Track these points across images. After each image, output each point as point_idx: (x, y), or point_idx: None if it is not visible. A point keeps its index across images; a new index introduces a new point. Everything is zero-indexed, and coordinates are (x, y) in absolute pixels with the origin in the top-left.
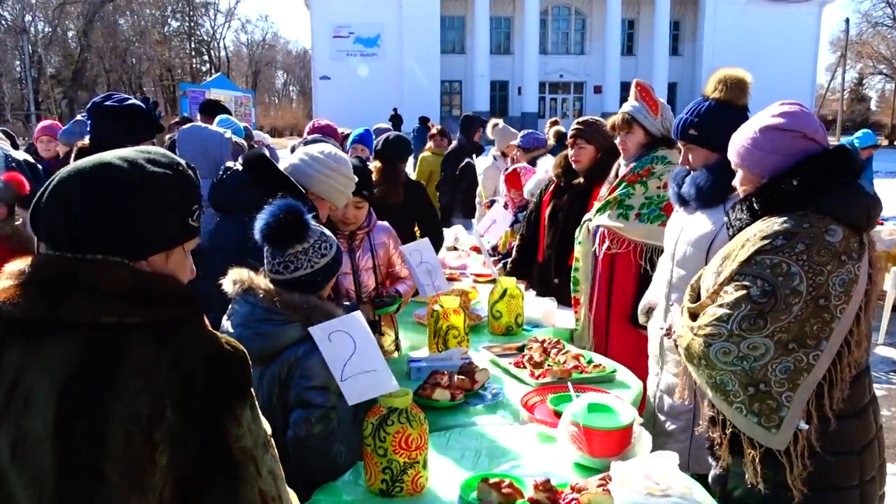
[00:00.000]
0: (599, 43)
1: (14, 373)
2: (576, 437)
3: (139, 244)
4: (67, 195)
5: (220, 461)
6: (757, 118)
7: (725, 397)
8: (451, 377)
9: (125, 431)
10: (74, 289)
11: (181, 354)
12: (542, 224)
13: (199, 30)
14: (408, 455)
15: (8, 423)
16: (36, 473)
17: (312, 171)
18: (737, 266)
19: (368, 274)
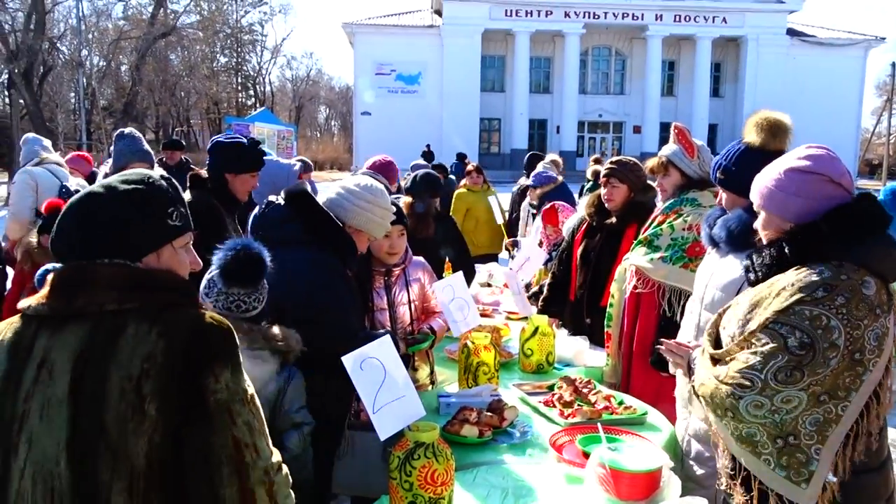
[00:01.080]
0: (639, 83)
1: (42, 353)
2: (604, 479)
3: (129, 248)
4: (68, 221)
5: (198, 410)
6: (782, 160)
7: (753, 449)
8: (480, 413)
9: (120, 388)
10: (84, 287)
11: (168, 326)
12: (573, 262)
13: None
14: (433, 490)
15: (38, 392)
16: (56, 429)
17: (349, 204)
18: (772, 315)
19: (404, 309)
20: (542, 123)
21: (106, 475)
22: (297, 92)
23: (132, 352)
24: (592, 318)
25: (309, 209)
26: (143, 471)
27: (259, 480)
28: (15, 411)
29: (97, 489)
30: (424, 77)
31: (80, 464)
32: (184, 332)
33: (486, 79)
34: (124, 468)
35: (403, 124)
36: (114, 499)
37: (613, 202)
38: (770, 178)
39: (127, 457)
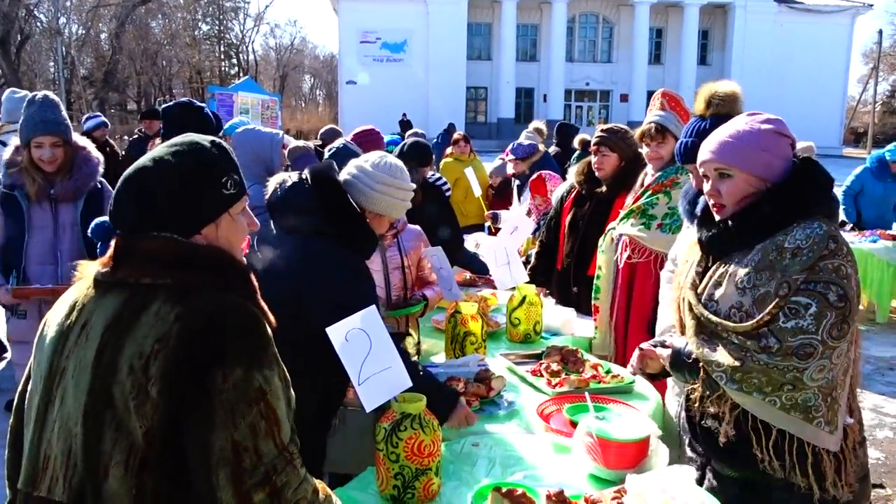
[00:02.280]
0: (627, 51)
1: (87, 316)
2: (591, 448)
3: (183, 222)
4: (123, 195)
5: (201, 405)
6: (751, 122)
7: (806, 415)
8: (467, 384)
9: (130, 364)
10: (129, 257)
11: (188, 310)
12: (561, 231)
13: (228, 34)
14: (420, 462)
15: (75, 352)
16: (79, 392)
17: (367, 188)
18: (802, 276)
19: (398, 273)
20: (528, 92)
21: (108, 445)
22: (281, 61)
23: (149, 329)
24: (579, 287)
25: (336, 199)
26: (140, 448)
27: (257, 484)
28: (59, 365)
29: (99, 457)
30: (410, 45)
31: (91, 430)
32: (202, 319)
33: (473, 47)
34: (125, 442)
35: (389, 93)
36: (112, 470)
37: (604, 171)
38: (745, 139)
39: (128, 432)
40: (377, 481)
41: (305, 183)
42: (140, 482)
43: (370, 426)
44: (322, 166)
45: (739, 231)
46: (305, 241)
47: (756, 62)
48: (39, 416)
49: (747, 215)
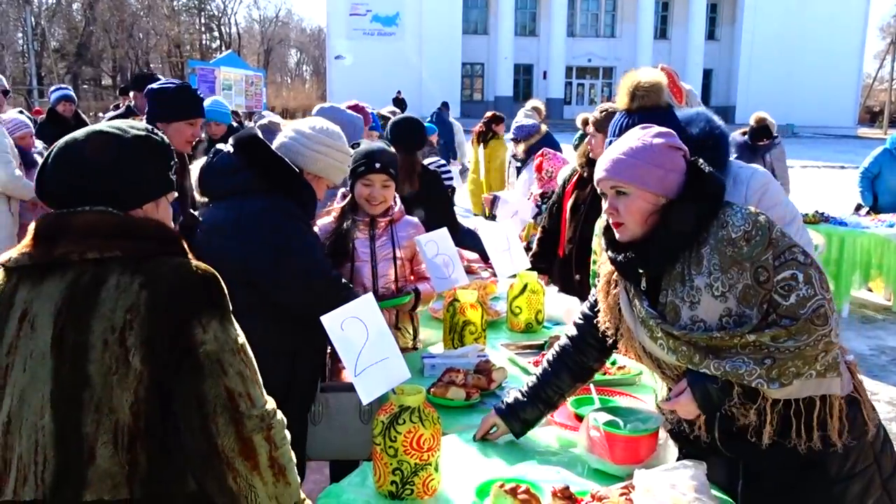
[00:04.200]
0: (631, 25)
1: (24, 305)
2: (597, 442)
3: (131, 196)
4: (65, 162)
5: (187, 361)
6: (636, 137)
7: (837, 370)
8: (467, 375)
9: (103, 340)
10: (64, 235)
11: (151, 276)
12: (563, 216)
13: (209, 4)
14: (419, 456)
15: (21, 345)
16: (39, 383)
17: (305, 149)
18: (767, 254)
19: (388, 264)
20: (527, 69)
21: (90, 427)
22: (266, 34)
23: (115, 303)
24: (582, 274)
25: (261, 156)
26: (128, 423)
27: (256, 427)
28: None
29: (81, 441)
30: (402, 18)
31: (65, 417)
32: (167, 282)
33: (469, 20)
34: (109, 421)
35: (380, 69)
36: (99, 450)
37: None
38: (638, 156)
39: (111, 409)
40: (374, 477)
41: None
42: (132, 457)
43: (355, 411)
44: (243, 131)
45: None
46: (240, 203)
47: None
48: None
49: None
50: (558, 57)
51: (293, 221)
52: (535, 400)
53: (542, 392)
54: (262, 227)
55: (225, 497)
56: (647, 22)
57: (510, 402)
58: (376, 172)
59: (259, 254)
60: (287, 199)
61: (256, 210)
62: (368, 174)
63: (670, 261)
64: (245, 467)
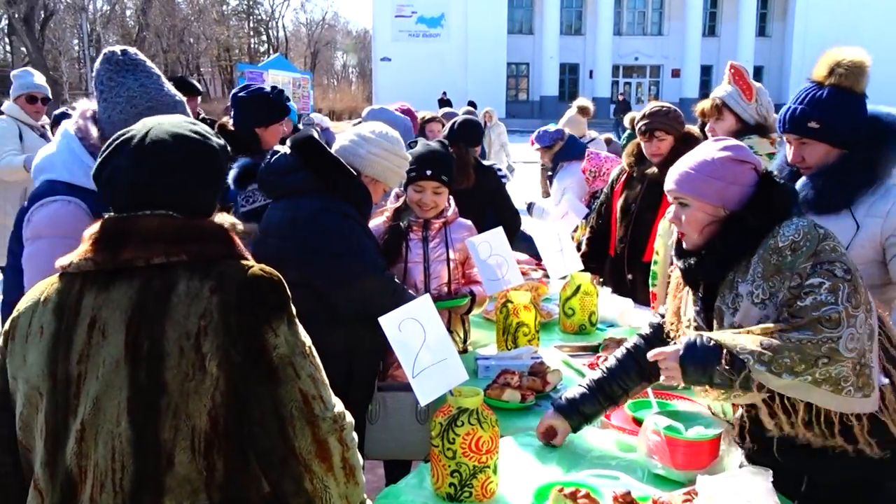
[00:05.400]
0: (679, 23)
1: (92, 312)
2: (658, 446)
3: (202, 202)
4: (143, 159)
5: (261, 366)
6: (704, 151)
7: (836, 387)
8: (522, 377)
9: (179, 346)
10: (130, 239)
11: (220, 281)
12: (613, 216)
13: (257, 9)
14: (478, 459)
15: (93, 353)
16: (114, 390)
17: (364, 151)
18: (808, 262)
19: (441, 266)
20: (573, 68)
21: (168, 434)
22: (312, 37)
23: (187, 309)
24: (634, 274)
25: (317, 157)
26: (205, 428)
27: (330, 430)
28: (70, 373)
29: (159, 448)
30: (447, 19)
31: (142, 423)
32: (236, 287)
33: (514, 20)
34: (186, 427)
35: (426, 71)
36: (177, 457)
37: (661, 155)
38: (700, 169)
39: (188, 415)
40: (432, 478)
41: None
42: (209, 463)
43: (412, 411)
44: (300, 133)
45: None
46: (296, 204)
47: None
48: (54, 432)
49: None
50: (605, 56)
51: (348, 222)
52: (598, 394)
53: (607, 386)
54: (317, 228)
55: (301, 498)
56: (695, 19)
57: (571, 396)
58: (428, 179)
59: (314, 254)
60: (342, 201)
61: (312, 210)
62: (420, 181)
63: (722, 270)
64: (321, 469)
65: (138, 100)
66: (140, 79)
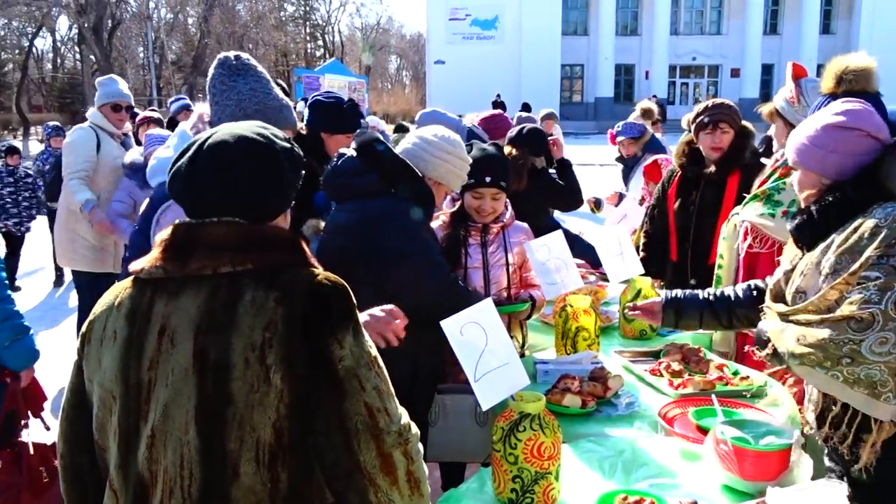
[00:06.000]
0: (738, 21)
1: (162, 320)
2: (725, 456)
3: (267, 207)
4: (212, 165)
5: (327, 379)
6: (819, 116)
7: (872, 391)
8: (582, 382)
9: (245, 358)
10: (197, 247)
11: (285, 292)
12: (670, 219)
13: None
14: (540, 465)
15: (163, 361)
16: (183, 399)
17: (427, 154)
18: (874, 252)
19: (500, 271)
20: (629, 69)
21: (234, 444)
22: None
23: (252, 320)
24: (697, 278)
25: (384, 158)
26: (269, 440)
27: (395, 443)
28: (141, 379)
29: (225, 458)
30: (501, 21)
31: (209, 433)
32: (301, 297)
33: (568, 21)
34: (251, 438)
35: (479, 73)
36: (242, 467)
37: (721, 149)
38: (805, 134)
39: (253, 427)
40: (493, 483)
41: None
42: (273, 475)
43: (471, 413)
44: (366, 135)
45: (821, 219)
46: (363, 206)
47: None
48: (126, 435)
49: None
50: (661, 56)
51: (415, 224)
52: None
53: (718, 303)
54: (383, 229)
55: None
56: (755, 17)
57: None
58: (487, 186)
59: (380, 256)
60: (408, 202)
61: (378, 212)
62: (479, 187)
63: (811, 236)
64: (385, 482)
65: (247, 103)
66: (250, 82)
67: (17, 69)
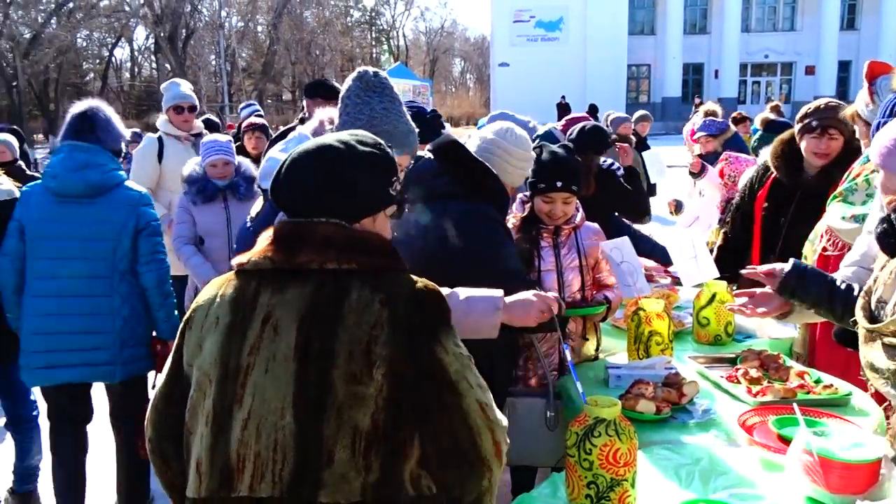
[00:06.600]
0: (813, 17)
1: (266, 309)
2: (810, 467)
3: (353, 210)
4: (298, 174)
5: (440, 380)
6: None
7: None
8: (656, 388)
9: (349, 351)
10: (306, 243)
11: (389, 295)
12: (756, 225)
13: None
14: (616, 471)
15: (264, 347)
16: (281, 384)
17: (487, 153)
18: None
19: (574, 273)
20: (697, 68)
21: (330, 431)
22: (431, 45)
23: (359, 318)
24: None
25: (463, 160)
26: (366, 429)
27: (502, 432)
28: (240, 363)
29: (320, 443)
30: (566, 22)
31: (306, 419)
32: (405, 302)
33: (635, 21)
34: (348, 426)
35: (544, 75)
36: (337, 454)
37: (828, 157)
38: (891, 136)
39: (351, 416)
40: (567, 489)
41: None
42: (367, 463)
43: (542, 417)
44: (442, 137)
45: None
46: (442, 207)
47: None
48: (219, 418)
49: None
50: (731, 54)
51: (494, 225)
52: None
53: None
54: (464, 231)
55: (472, 496)
56: (832, 12)
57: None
58: (558, 191)
59: (461, 257)
60: (486, 203)
61: (458, 214)
62: (550, 192)
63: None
64: (497, 469)
65: (378, 121)
66: (384, 102)
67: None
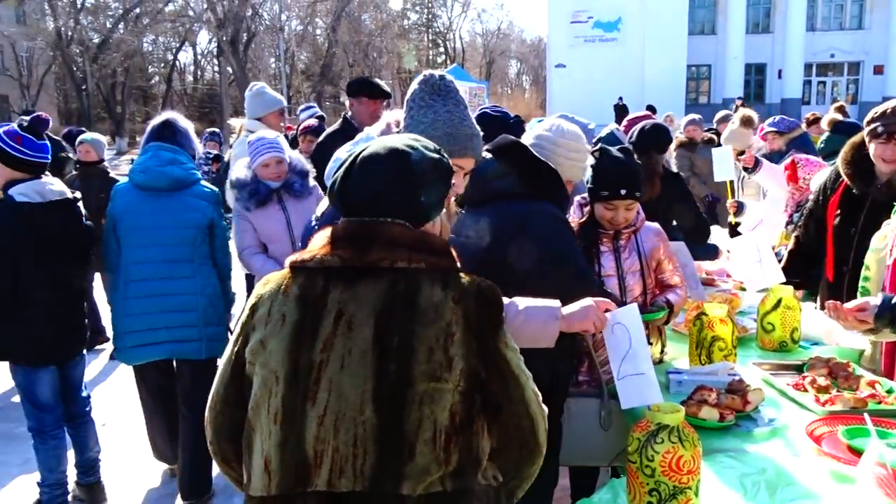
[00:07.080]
0: (883, 14)
1: (339, 306)
2: (885, 481)
3: (419, 212)
4: (370, 174)
5: (506, 373)
6: None
7: None
8: (720, 395)
9: (428, 346)
10: (376, 241)
11: (460, 293)
12: (828, 232)
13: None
14: (678, 479)
15: (338, 343)
16: (359, 380)
17: (538, 149)
18: None
19: (635, 277)
20: (759, 68)
21: (412, 425)
22: (488, 46)
23: (435, 314)
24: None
25: (526, 159)
26: (445, 423)
27: (546, 419)
28: (312, 360)
29: (402, 437)
30: (624, 23)
31: (387, 413)
32: (474, 300)
33: (695, 20)
34: (429, 420)
35: (601, 76)
36: (418, 447)
37: (892, 165)
38: None
39: (432, 410)
40: (628, 495)
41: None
42: (447, 455)
43: (596, 417)
44: (502, 137)
45: None
46: (506, 208)
47: None
48: (290, 415)
49: None
50: (796, 54)
51: (560, 225)
52: None
53: None
54: (529, 232)
55: (526, 482)
56: None
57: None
58: (621, 198)
59: (527, 258)
60: (550, 202)
61: (523, 214)
62: (613, 199)
63: None
64: (545, 450)
65: (441, 124)
66: (448, 105)
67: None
